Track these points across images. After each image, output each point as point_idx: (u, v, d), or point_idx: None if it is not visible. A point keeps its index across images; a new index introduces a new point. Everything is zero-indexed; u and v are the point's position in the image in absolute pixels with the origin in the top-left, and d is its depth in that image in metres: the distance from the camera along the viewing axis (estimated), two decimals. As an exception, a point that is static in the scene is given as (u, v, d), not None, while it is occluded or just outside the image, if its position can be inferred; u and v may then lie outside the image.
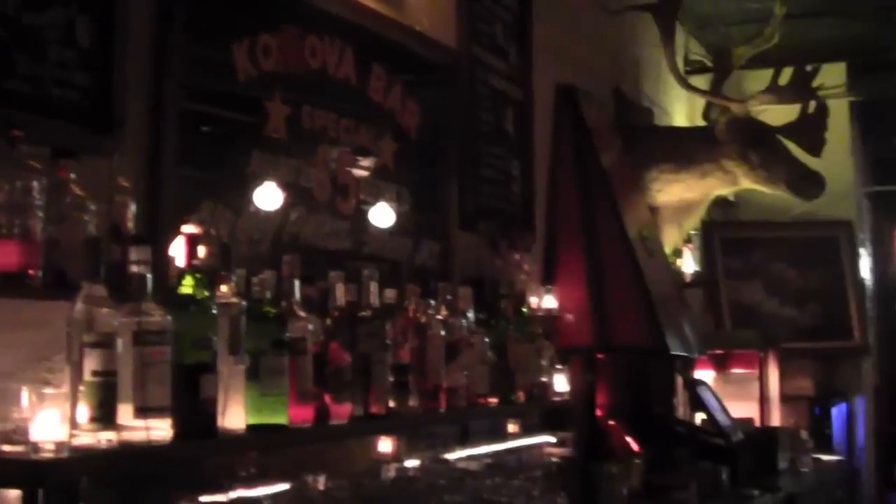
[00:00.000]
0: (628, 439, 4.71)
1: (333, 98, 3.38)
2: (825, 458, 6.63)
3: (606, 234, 4.72)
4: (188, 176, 2.77)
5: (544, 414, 4.16)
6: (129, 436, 2.04)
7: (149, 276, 2.11)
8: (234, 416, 2.35)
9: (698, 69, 6.86)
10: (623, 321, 4.61)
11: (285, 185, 3.04)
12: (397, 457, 3.28)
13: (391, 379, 2.89)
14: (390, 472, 3.21)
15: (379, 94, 3.63)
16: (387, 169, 3.63)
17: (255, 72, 3.03)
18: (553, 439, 4.18)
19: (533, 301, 3.99)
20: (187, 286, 2.23)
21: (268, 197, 3.00)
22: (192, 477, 2.50)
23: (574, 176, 4.83)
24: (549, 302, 4.05)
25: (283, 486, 2.73)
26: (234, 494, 2.57)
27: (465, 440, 3.73)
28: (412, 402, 3.01)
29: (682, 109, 6.75)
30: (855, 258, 7.83)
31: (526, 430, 4.08)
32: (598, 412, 4.70)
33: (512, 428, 4.07)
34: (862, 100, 8.22)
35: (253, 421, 2.39)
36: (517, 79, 4.62)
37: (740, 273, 7.34)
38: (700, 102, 5.93)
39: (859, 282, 7.90)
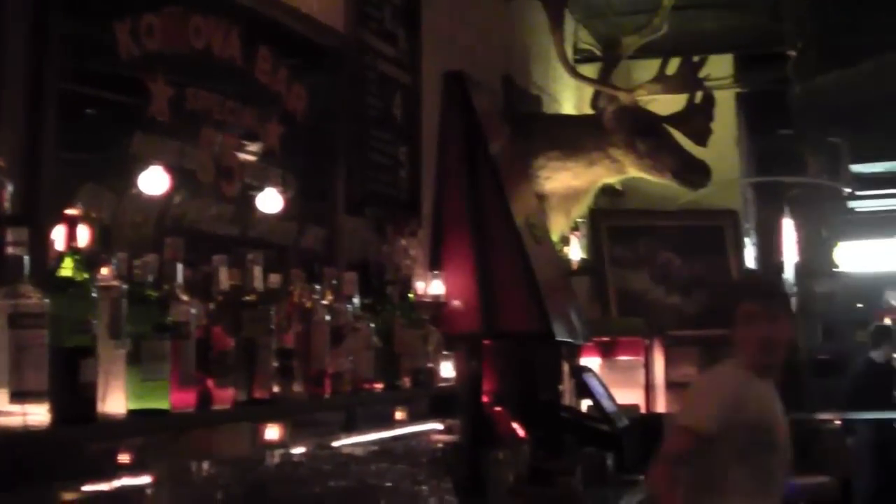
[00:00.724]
0: (514, 425, 4.77)
1: (218, 79, 3.36)
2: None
3: (493, 220, 4.77)
4: (69, 157, 2.74)
5: (431, 401, 4.19)
6: (4, 421, 2.01)
7: (26, 258, 2.09)
8: (115, 401, 2.34)
9: (587, 58, 6.97)
10: (509, 308, 4.67)
11: (169, 168, 3.02)
12: (283, 443, 3.29)
13: (275, 364, 2.89)
14: (275, 458, 3.22)
15: (265, 76, 3.62)
16: (273, 152, 3.63)
17: (138, 52, 3.01)
18: (440, 426, 4.22)
19: (419, 287, 4.02)
20: (66, 269, 2.21)
21: (152, 180, 2.98)
22: (73, 466, 2.48)
23: (462, 162, 4.86)
24: (436, 288, 4.08)
25: (165, 474, 2.72)
26: (117, 483, 2.56)
27: (352, 427, 3.74)
28: (297, 387, 3.02)
29: (570, 97, 6.84)
30: (740, 247, 8.01)
31: (413, 418, 4.11)
32: (485, 398, 4.75)
33: (399, 415, 4.10)
34: (748, 91, 8.42)
35: (134, 406, 2.38)
36: (406, 64, 4.64)
37: (627, 261, 7.45)
38: (589, 91, 6.01)
39: (743, 271, 8.07)
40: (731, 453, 3.87)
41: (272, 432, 3.28)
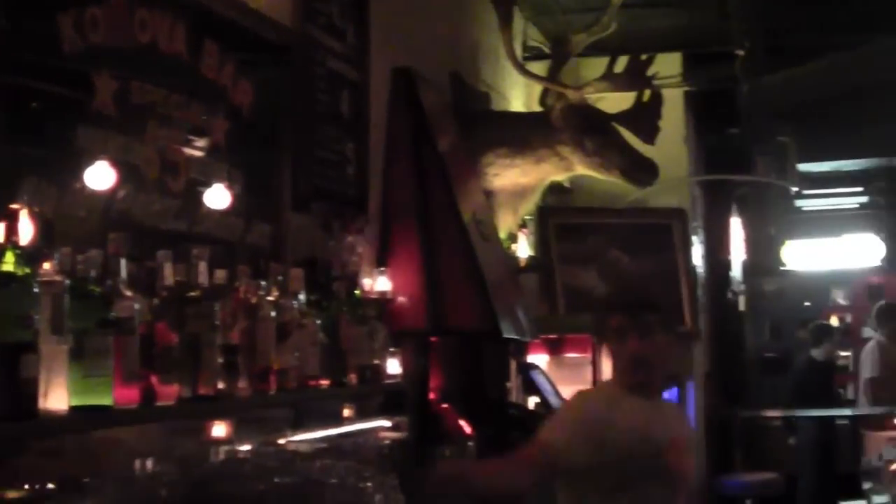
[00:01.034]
0: (461, 422, 4.78)
1: (164, 74, 3.36)
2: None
3: (441, 217, 4.78)
4: (11, 151, 2.73)
5: (379, 398, 4.21)
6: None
7: (-35, 252, 2.09)
8: (57, 397, 2.33)
9: (536, 55, 7.00)
10: (457, 305, 4.69)
11: (113, 162, 3.01)
12: (228, 440, 3.29)
13: (220, 360, 2.89)
14: (220, 454, 3.22)
15: (211, 71, 3.62)
16: (219, 148, 3.62)
17: (82, 45, 3.00)
18: (388, 423, 4.24)
19: (366, 283, 4.04)
20: (7, 263, 2.21)
21: (97, 174, 2.97)
22: (14, 463, 2.48)
23: (409, 159, 4.87)
24: (383, 284, 4.10)
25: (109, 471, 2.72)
26: (59, 481, 2.55)
27: (299, 424, 3.75)
28: (242, 383, 3.03)
29: (519, 95, 6.87)
30: (687, 246, 8.08)
31: (361, 415, 4.12)
32: (432, 395, 4.77)
33: (347, 412, 4.11)
34: (696, 90, 8.49)
35: (76, 402, 2.38)
36: (354, 60, 4.65)
37: (575, 258, 7.49)
38: (538, 88, 6.04)
39: (691, 269, 8.15)
40: (599, 484, 3.57)
41: (217, 429, 3.28)
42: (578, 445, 3.51)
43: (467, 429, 4.80)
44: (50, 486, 2.53)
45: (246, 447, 3.32)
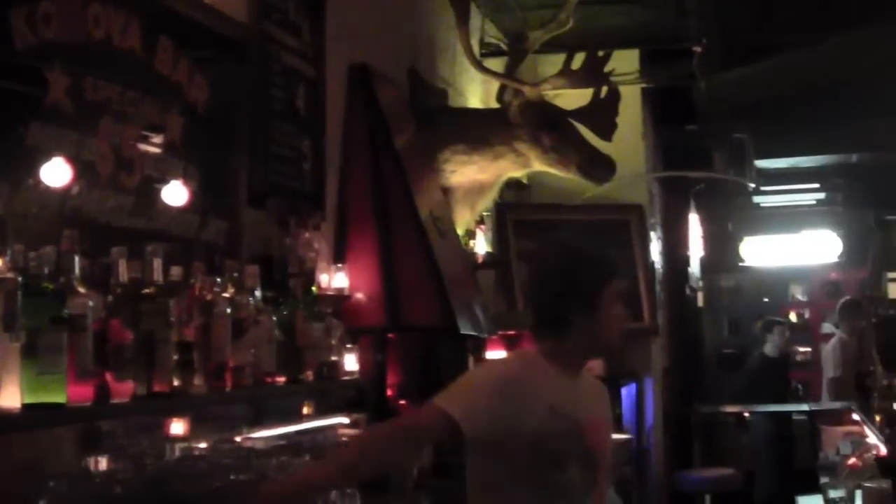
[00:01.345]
0: (419, 419, 4.79)
1: (118, 70, 3.35)
2: (615, 436, 6.85)
3: (398, 214, 4.80)
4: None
5: (337, 395, 4.22)
6: None
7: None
8: (9, 395, 2.34)
9: (494, 52, 7.03)
10: (414, 301, 4.70)
11: (67, 159, 3.01)
12: (184, 437, 3.29)
13: (175, 357, 2.90)
14: (175, 452, 3.23)
15: (166, 67, 3.62)
16: (174, 144, 3.62)
17: (35, 40, 2.99)
18: (346, 420, 4.25)
19: (323, 280, 4.05)
20: (-41, 260, 2.21)
21: (50, 171, 2.96)
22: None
23: (366, 155, 4.89)
24: (340, 281, 4.12)
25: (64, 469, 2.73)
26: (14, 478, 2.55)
27: (257, 421, 3.76)
28: (197, 380, 3.03)
29: (477, 91, 6.89)
30: (645, 242, 8.13)
31: (320, 412, 4.13)
32: (389, 392, 4.78)
33: (306, 410, 4.12)
34: (654, 86, 8.54)
35: (29, 400, 2.38)
36: (310, 56, 4.65)
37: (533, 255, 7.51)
38: (495, 85, 6.06)
39: (649, 265, 8.20)
40: (513, 461, 3.33)
41: (173, 426, 3.28)
42: (489, 415, 3.26)
43: (425, 425, 4.81)
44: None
45: (202, 444, 3.33)
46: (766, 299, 15.40)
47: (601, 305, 3.42)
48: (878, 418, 6.61)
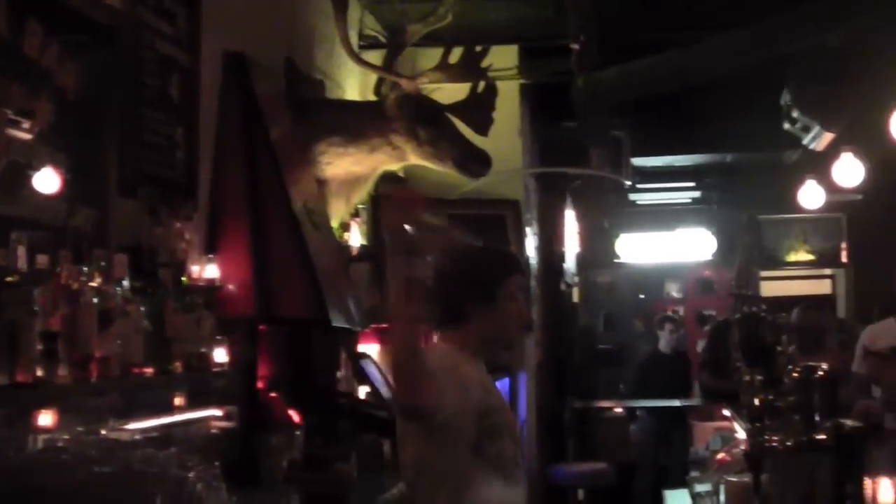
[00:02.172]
0: (290, 412, 4.82)
1: (-17, 54, 3.32)
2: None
3: (271, 205, 4.81)
4: None
5: (207, 387, 4.21)
6: None
7: None
8: None
9: (372, 44, 7.04)
10: (286, 293, 4.72)
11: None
12: (48, 429, 3.27)
13: (39, 347, 2.89)
14: (37, 443, 3.20)
15: (34, 51, 3.58)
16: (42, 130, 3.59)
17: None
18: (218, 412, 4.25)
19: (193, 270, 4.05)
20: None
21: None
22: None
23: (240, 146, 4.89)
24: (211, 272, 4.11)
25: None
26: None
27: (127, 413, 3.74)
28: (62, 371, 3.02)
29: (354, 83, 6.91)
30: (521, 237, 8.24)
31: (192, 404, 4.12)
32: (260, 384, 4.79)
33: (178, 401, 4.11)
34: (533, 82, 8.64)
35: None
36: (184, 44, 4.63)
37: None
38: (373, 77, 6.08)
39: (525, 260, 8.30)
40: (466, 437, 3.57)
41: (36, 417, 3.26)
42: (450, 397, 3.47)
43: (296, 417, 4.84)
44: None
45: (65, 436, 3.31)
46: (641, 296, 15.72)
47: (500, 298, 3.71)
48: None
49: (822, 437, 3.47)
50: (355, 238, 6.23)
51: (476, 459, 3.59)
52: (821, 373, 3.61)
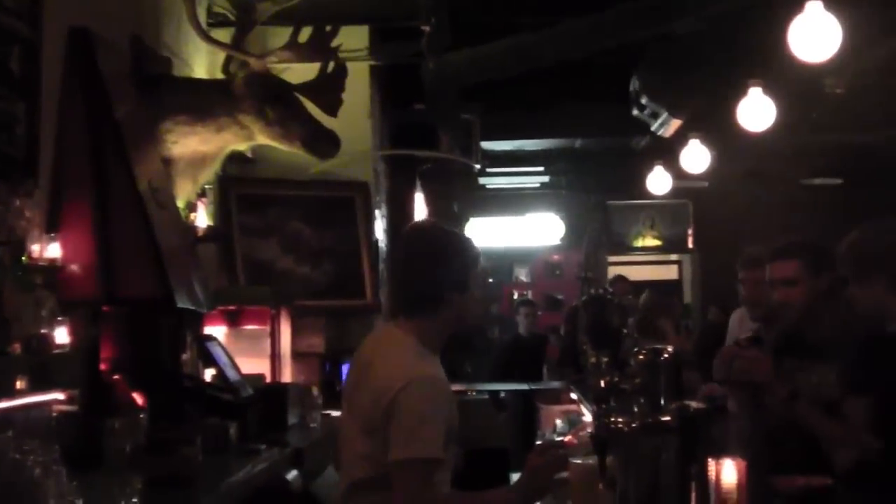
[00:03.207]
0: (134, 394, 4.78)
1: None
2: (334, 413, 6.97)
3: (115, 184, 4.76)
4: None
5: (48, 370, 4.17)
6: None
7: None
8: None
9: (221, 22, 6.99)
10: (130, 273, 4.68)
11: None
12: None
13: None
14: None
15: None
16: None
17: None
18: (59, 395, 4.20)
19: (34, 249, 4.00)
20: None
21: None
22: None
23: (84, 123, 4.81)
24: (52, 251, 4.07)
25: None
26: None
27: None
28: None
29: (203, 62, 6.86)
30: (370, 219, 8.27)
31: (31, 387, 4.07)
32: (103, 366, 4.75)
33: (18, 384, 4.05)
34: (384, 64, 8.68)
35: None
36: (26, 16, 4.54)
37: (256, 230, 7.55)
38: (222, 55, 6.05)
39: (373, 243, 8.35)
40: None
41: None
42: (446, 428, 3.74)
43: (140, 400, 4.80)
44: None
45: None
46: (490, 280, 15.89)
47: (471, 285, 3.95)
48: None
49: (667, 419, 3.57)
50: (202, 218, 6.20)
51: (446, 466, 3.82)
52: (666, 355, 3.73)
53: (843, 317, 4.78)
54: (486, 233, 15.81)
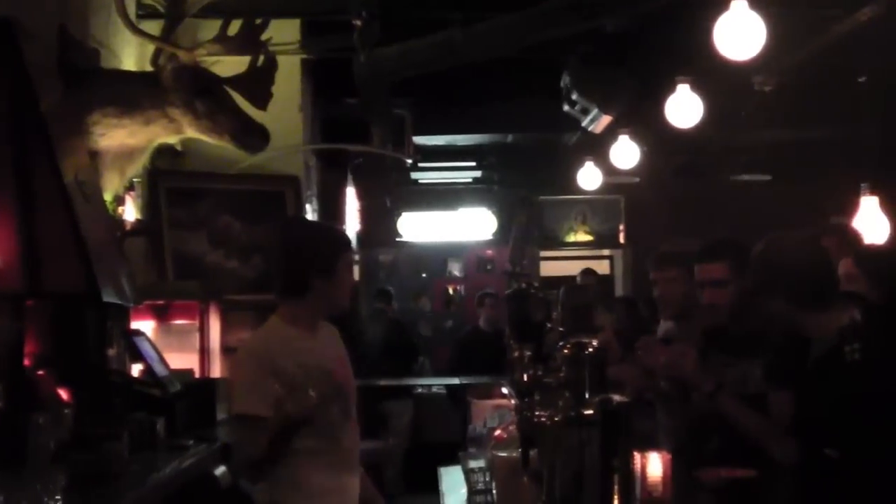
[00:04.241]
0: (59, 389, 4.75)
1: None
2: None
3: (41, 176, 4.69)
4: None
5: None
6: None
7: None
8: None
9: (151, 14, 6.94)
10: (55, 267, 4.62)
11: None
12: None
13: None
14: None
15: None
16: None
17: None
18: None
19: (-45, 243, 3.95)
20: None
21: None
22: None
23: (8, 115, 4.75)
24: (-26, 245, 4.02)
25: None
26: None
27: None
28: None
29: (132, 53, 6.80)
30: (301, 213, 8.25)
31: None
32: (27, 361, 4.70)
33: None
34: (314, 58, 8.66)
35: None
36: (-52, 6, 4.49)
37: (185, 224, 7.50)
38: (151, 47, 5.99)
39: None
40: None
41: None
42: (271, 388, 4.21)
43: (65, 396, 4.76)
44: None
45: None
46: (424, 274, 15.91)
47: (337, 271, 4.43)
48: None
49: (590, 412, 3.60)
50: (130, 212, 6.15)
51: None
52: (591, 350, 3.75)
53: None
54: (418, 227, 15.84)
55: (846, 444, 4.03)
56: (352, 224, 11.72)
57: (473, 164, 14.68)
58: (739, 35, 6.40)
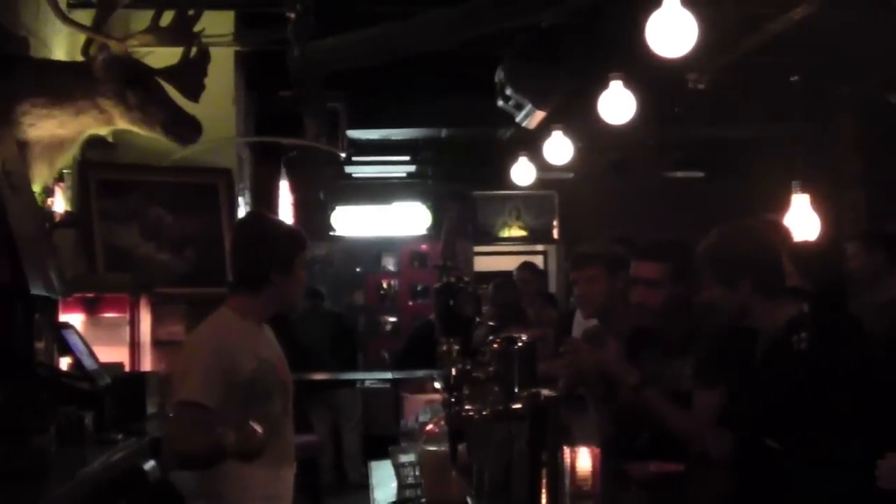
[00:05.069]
0: (-16, 383, 4.69)
1: None
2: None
3: (-33, 167, 4.66)
4: None
5: None
6: None
7: None
8: None
9: (83, 3, 6.87)
10: (-19, 258, 4.59)
11: None
12: None
13: None
14: None
15: None
16: None
17: None
18: None
19: None
20: None
21: None
22: None
23: (-66, 104, 4.71)
24: None
25: None
26: None
27: None
28: None
29: (62, 43, 6.72)
30: (233, 207, 8.20)
31: None
32: (-49, 355, 4.65)
33: None
34: (248, 50, 8.62)
35: None
36: None
37: (116, 216, 7.43)
38: (83, 37, 5.94)
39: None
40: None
41: None
42: (219, 380, 4.28)
43: (-9, 389, 4.71)
44: None
45: None
46: (358, 269, 15.90)
47: (294, 269, 4.50)
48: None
49: (518, 406, 3.61)
50: (59, 203, 6.09)
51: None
52: (520, 344, 3.76)
53: (697, 313, 4.87)
54: (352, 222, 15.81)
55: (789, 434, 4.03)
56: (285, 218, 11.67)
57: (408, 158, 14.68)
58: (671, 32, 6.45)
